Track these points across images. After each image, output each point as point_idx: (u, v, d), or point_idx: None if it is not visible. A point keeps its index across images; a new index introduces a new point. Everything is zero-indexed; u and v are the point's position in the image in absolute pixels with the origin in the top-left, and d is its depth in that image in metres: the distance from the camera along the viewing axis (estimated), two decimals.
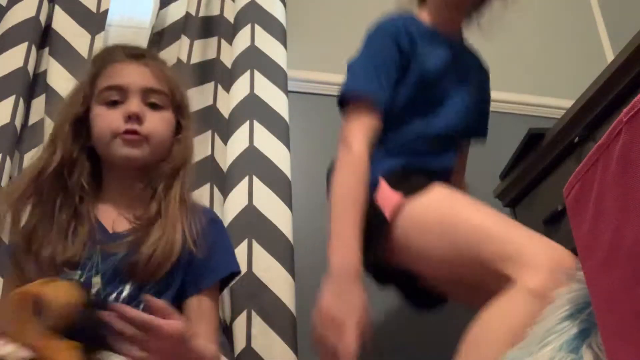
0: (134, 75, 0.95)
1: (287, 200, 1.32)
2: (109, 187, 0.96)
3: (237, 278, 1.04)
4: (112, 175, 0.96)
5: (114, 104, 0.93)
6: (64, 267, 0.86)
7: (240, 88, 1.42)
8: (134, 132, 0.91)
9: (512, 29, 1.91)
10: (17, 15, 1.41)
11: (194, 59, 1.48)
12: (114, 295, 0.86)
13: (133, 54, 0.99)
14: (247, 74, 1.44)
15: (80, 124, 0.94)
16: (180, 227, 0.89)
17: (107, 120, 0.92)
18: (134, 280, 0.87)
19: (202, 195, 1.32)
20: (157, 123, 0.94)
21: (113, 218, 0.93)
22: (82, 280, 0.85)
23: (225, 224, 1.24)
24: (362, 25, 1.83)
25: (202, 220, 0.93)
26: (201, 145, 1.38)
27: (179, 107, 0.99)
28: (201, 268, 0.92)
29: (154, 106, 0.95)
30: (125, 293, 0.86)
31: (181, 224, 0.90)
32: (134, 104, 0.92)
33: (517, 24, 1.92)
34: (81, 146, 0.94)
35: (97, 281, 0.86)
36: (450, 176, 1.11)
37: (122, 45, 1.03)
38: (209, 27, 1.55)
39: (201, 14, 1.54)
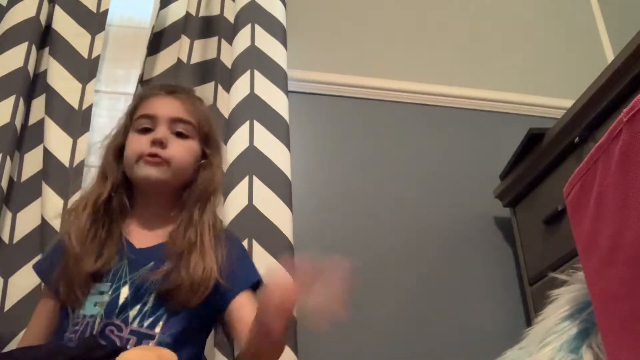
0: (164, 106, 1.03)
1: (287, 200, 1.32)
2: (140, 208, 1.03)
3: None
4: (142, 197, 1.03)
5: (145, 131, 1.01)
6: (94, 279, 0.92)
7: (240, 88, 1.42)
8: (156, 155, 0.98)
9: (512, 29, 1.91)
10: (17, 15, 1.41)
11: (194, 59, 1.48)
12: (138, 306, 0.90)
13: (169, 89, 1.07)
14: (247, 74, 1.43)
15: (121, 152, 1.03)
16: (213, 255, 0.95)
17: (135, 144, 1.00)
18: (170, 307, 0.91)
19: None
20: (179, 149, 1.00)
21: (141, 235, 1.00)
22: (111, 290, 0.91)
23: (226, 224, 1.24)
24: (362, 25, 1.84)
25: (226, 244, 0.99)
26: None
27: (205, 138, 1.06)
28: (228, 283, 0.95)
29: (180, 135, 1.02)
30: (148, 306, 0.91)
31: (214, 252, 0.95)
32: (160, 131, 1.00)
33: (517, 24, 1.92)
34: (121, 171, 1.02)
35: (125, 292, 0.91)
36: None
37: (163, 83, 1.16)
38: (209, 27, 1.55)
39: (201, 14, 1.54)
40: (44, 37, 1.45)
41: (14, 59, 1.36)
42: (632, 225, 0.56)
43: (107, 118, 1.51)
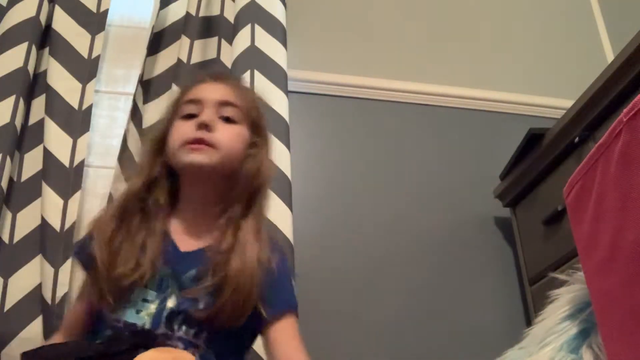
0: (210, 90, 0.97)
1: (287, 200, 1.32)
2: (183, 204, 0.96)
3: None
4: (186, 190, 0.96)
5: (190, 117, 0.94)
6: (136, 286, 0.86)
7: None
8: (201, 140, 0.91)
9: (512, 29, 1.91)
10: (17, 15, 1.41)
11: (194, 59, 1.48)
12: (183, 315, 0.85)
13: (216, 76, 1.02)
14: (247, 74, 1.43)
15: (162, 143, 0.96)
16: (256, 275, 0.86)
17: (180, 130, 0.93)
18: (214, 328, 0.85)
19: None
20: (227, 134, 0.93)
21: (185, 236, 0.93)
22: (158, 300, 0.85)
23: None
24: (362, 26, 1.84)
25: (274, 258, 0.91)
26: None
27: (254, 125, 0.98)
28: (268, 304, 0.89)
29: (227, 120, 0.95)
30: (193, 317, 0.85)
31: (257, 269, 0.87)
32: (206, 114, 0.93)
33: (517, 24, 1.92)
34: (162, 164, 0.95)
35: (172, 303, 0.85)
36: None
37: (211, 72, 1.07)
38: (209, 27, 1.55)
39: (201, 14, 1.54)
40: (44, 37, 1.45)
41: (14, 59, 1.36)
42: (632, 225, 0.56)
43: (107, 118, 1.52)
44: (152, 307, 0.85)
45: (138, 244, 0.87)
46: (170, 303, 0.85)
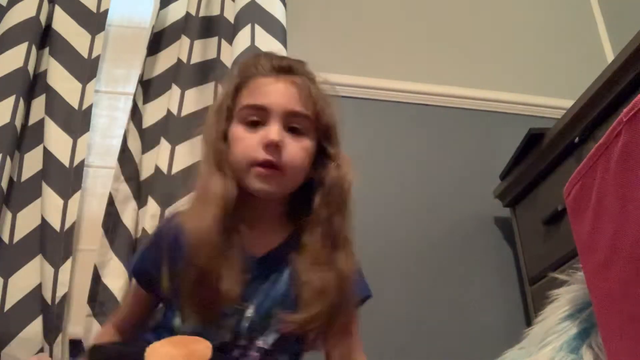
0: (278, 95, 0.86)
1: None
2: (249, 211, 0.87)
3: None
4: (252, 198, 0.87)
5: (253, 124, 0.86)
6: (226, 303, 0.81)
7: None
8: (271, 164, 0.83)
9: (512, 29, 1.91)
10: (17, 15, 1.41)
11: (194, 59, 1.48)
12: (262, 326, 0.83)
13: (280, 66, 0.90)
14: None
15: (224, 146, 0.87)
16: (349, 281, 0.84)
17: (245, 145, 0.84)
18: (291, 336, 0.83)
19: None
20: (295, 152, 0.85)
21: (256, 241, 0.87)
22: (236, 312, 0.82)
23: None
24: (362, 25, 1.84)
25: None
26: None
27: (325, 132, 0.90)
28: None
29: (294, 131, 0.86)
30: (271, 327, 0.83)
31: (349, 276, 0.84)
32: (274, 131, 0.83)
33: (517, 24, 1.92)
34: (232, 177, 0.85)
35: (250, 313, 0.83)
36: None
37: (269, 55, 0.94)
38: (209, 27, 1.55)
39: (201, 14, 1.54)
40: (44, 37, 1.45)
41: (14, 59, 1.36)
42: (632, 225, 0.56)
43: (107, 118, 1.52)
44: (232, 321, 0.82)
45: (232, 263, 0.80)
46: (249, 313, 0.82)
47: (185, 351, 0.76)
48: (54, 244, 1.23)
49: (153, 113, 1.45)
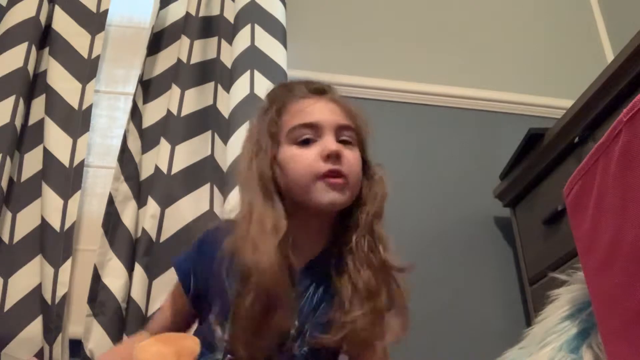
0: (325, 112, 0.88)
1: None
2: (295, 233, 0.85)
3: None
4: (299, 218, 0.86)
5: (305, 142, 0.86)
6: (281, 334, 0.81)
7: (240, 88, 1.42)
8: (338, 172, 0.83)
9: (512, 29, 1.91)
10: (17, 15, 1.41)
11: (194, 59, 1.48)
12: (301, 341, 0.84)
13: (316, 88, 0.92)
14: (247, 74, 1.43)
15: (272, 178, 0.86)
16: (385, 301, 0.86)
17: (304, 161, 0.84)
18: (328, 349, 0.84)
19: (202, 195, 1.32)
20: (354, 161, 0.87)
21: (295, 251, 0.85)
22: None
23: None
24: (362, 26, 1.84)
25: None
26: (201, 145, 1.38)
27: (363, 145, 0.92)
28: None
29: (345, 143, 0.87)
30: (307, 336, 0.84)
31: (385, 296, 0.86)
32: (331, 142, 0.84)
33: (517, 24, 1.92)
34: (282, 203, 0.85)
35: (293, 322, 0.83)
36: None
37: (299, 80, 0.97)
38: (209, 27, 1.55)
39: (201, 14, 1.54)
40: (44, 37, 1.45)
41: (14, 59, 1.36)
42: (632, 225, 0.56)
43: (107, 118, 1.52)
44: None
45: (288, 292, 0.80)
46: (294, 328, 0.82)
47: (175, 348, 0.76)
48: (54, 244, 1.23)
49: (153, 113, 1.45)
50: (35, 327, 1.18)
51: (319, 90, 0.92)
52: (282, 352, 0.82)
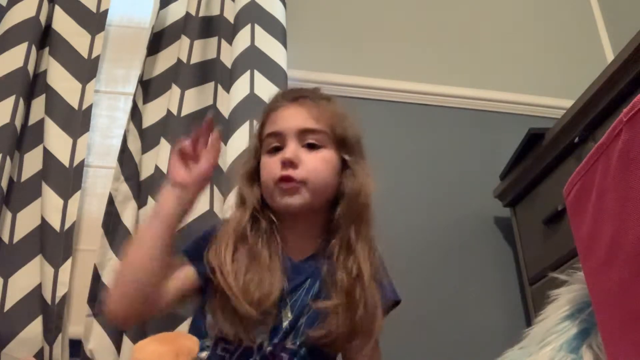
0: (289, 119, 0.93)
1: None
2: (286, 229, 0.93)
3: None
4: (287, 219, 0.93)
5: (276, 150, 0.92)
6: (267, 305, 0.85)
7: (240, 88, 1.42)
8: (289, 178, 0.88)
9: (513, 29, 1.91)
10: (17, 15, 1.41)
11: (194, 59, 1.48)
12: (294, 328, 0.86)
13: (292, 97, 0.97)
14: (247, 74, 1.43)
15: (256, 175, 0.94)
16: (376, 299, 0.89)
17: (267, 168, 0.92)
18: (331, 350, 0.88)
19: (202, 195, 1.32)
20: (315, 164, 0.90)
21: (296, 248, 0.93)
22: (274, 315, 0.86)
23: None
24: (362, 25, 1.84)
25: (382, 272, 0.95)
26: None
27: (342, 143, 0.94)
28: None
29: (312, 146, 0.91)
30: (301, 329, 0.87)
31: (376, 291, 0.89)
32: (289, 150, 0.90)
33: (517, 24, 1.92)
34: (260, 195, 0.93)
35: (287, 316, 0.87)
36: None
37: (286, 90, 1.05)
38: (209, 27, 1.55)
39: (201, 14, 1.54)
40: (44, 37, 1.45)
41: (14, 59, 1.36)
42: (632, 225, 0.56)
43: (107, 118, 1.52)
44: (270, 323, 0.85)
45: (265, 267, 0.86)
46: (286, 316, 0.86)
47: (173, 347, 0.76)
48: (54, 244, 1.23)
49: (153, 113, 1.45)
50: (35, 327, 1.18)
51: (292, 98, 0.96)
52: (276, 345, 0.84)
